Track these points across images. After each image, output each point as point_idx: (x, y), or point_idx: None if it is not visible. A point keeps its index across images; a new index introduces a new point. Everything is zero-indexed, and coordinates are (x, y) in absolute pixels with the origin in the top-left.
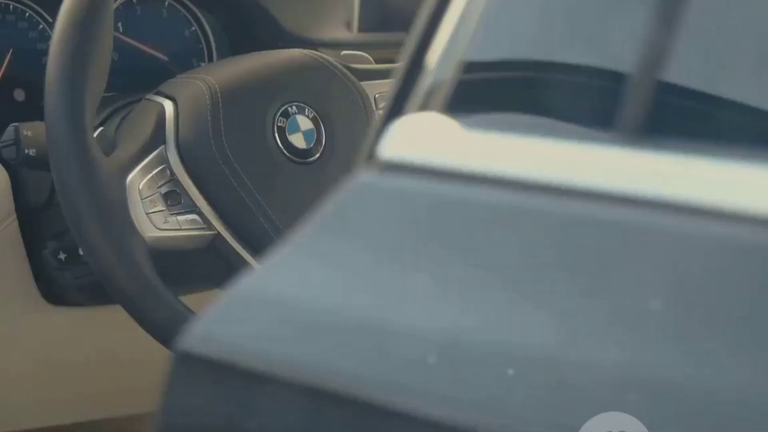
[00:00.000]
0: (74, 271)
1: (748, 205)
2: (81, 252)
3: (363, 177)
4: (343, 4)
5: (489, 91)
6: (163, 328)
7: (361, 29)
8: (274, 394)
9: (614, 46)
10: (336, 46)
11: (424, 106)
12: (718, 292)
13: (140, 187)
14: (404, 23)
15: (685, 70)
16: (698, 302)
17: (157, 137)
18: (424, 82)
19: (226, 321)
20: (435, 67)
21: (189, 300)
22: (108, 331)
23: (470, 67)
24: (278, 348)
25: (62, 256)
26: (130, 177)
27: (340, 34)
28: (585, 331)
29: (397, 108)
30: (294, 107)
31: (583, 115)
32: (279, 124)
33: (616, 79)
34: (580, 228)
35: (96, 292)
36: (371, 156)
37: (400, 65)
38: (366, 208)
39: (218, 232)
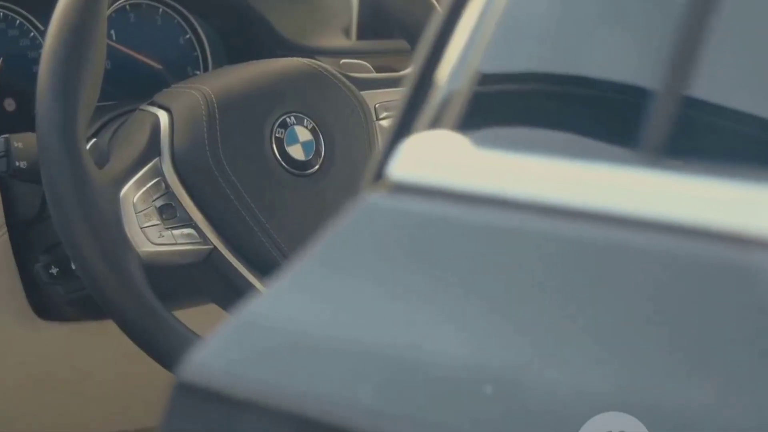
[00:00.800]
0: (66, 286)
1: None
2: (73, 266)
3: (371, 198)
4: (341, 11)
5: (502, 107)
6: (158, 346)
7: (359, 36)
8: (273, 425)
9: (635, 60)
10: (334, 53)
11: (434, 124)
12: (749, 322)
13: (134, 200)
14: (404, 30)
15: (710, 87)
16: (728, 333)
17: (152, 149)
18: (434, 99)
19: (227, 350)
20: (445, 83)
21: (184, 314)
22: (100, 346)
23: (483, 82)
24: (280, 379)
25: (54, 270)
26: (123, 190)
27: (338, 41)
28: (608, 364)
29: (405, 125)
30: (292, 118)
31: (601, 133)
32: (277, 135)
33: (637, 95)
34: (601, 254)
35: (88, 307)
36: (379, 176)
37: (407, 80)
38: (374, 231)
39: (214, 246)
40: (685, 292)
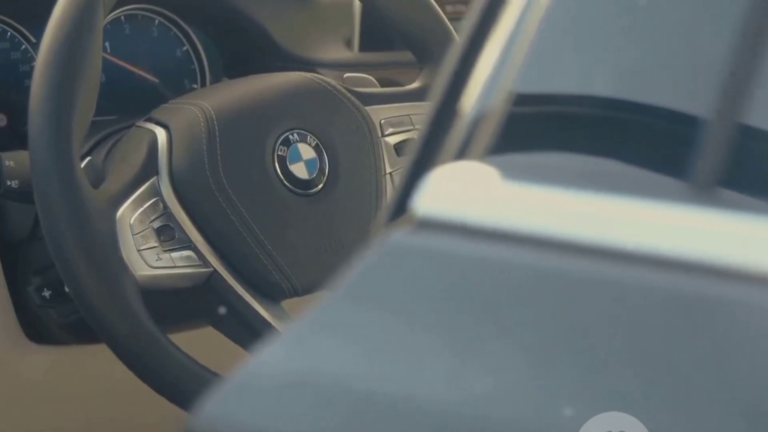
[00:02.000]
0: (59, 310)
1: None
2: (67, 289)
3: (394, 235)
4: (342, 22)
5: (535, 136)
6: (157, 375)
7: (362, 48)
8: None
9: (684, 85)
10: (336, 65)
11: (459, 154)
12: None
13: (131, 221)
14: (409, 41)
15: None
16: None
17: (149, 168)
18: (459, 127)
19: (242, 398)
20: (471, 110)
21: (180, 337)
22: (94, 370)
23: (513, 108)
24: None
25: (47, 293)
26: (120, 211)
27: (340, 53)
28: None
29: (427, 155)
30: (295, 135)
31: (645, 164)
32: (279, 152)
33: (685, 123)
34: (644, 300)
35: (83, 331)
36: (400, 210)
37: (429, 107)
38: (398, 271)
39: (214, 269)
40: (750, 344)
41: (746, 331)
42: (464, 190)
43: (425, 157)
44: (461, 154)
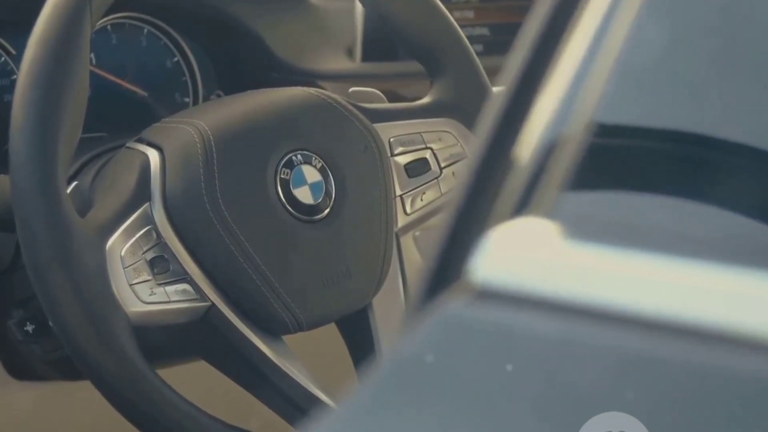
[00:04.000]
0: (44, 345)
1: None
2: (51, 324)
3: (448, 307)
4: (344, 30)
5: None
6: (153, 422)
7: (364, 58)
8: None
9: None
10: (337, 77)
11: (518, 210)
12: None
13: (122, 253)
14: (417, 51)
15: None
16: None
17: (141, 193)
18: (517, 172)
19: None
20: (533, 149)
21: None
22: (81, 406)
23: (586, 152)
24: None
25: (29, 327)
26: (109, 242)
27: (341, 64)
28: None
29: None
30: (299, 156)
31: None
32: (282, 176)
33: None
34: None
35: (69, 368)
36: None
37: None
38: (455, 349)
39: (212, 303)
40: None
41: None
42: (533, 254)
43: (473, 210)
44: (522, 207)
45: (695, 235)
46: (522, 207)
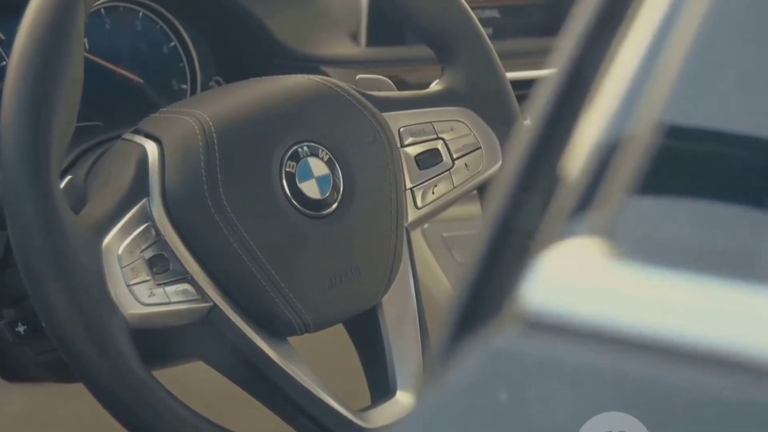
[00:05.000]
0: (36, 347)
1: None
2: (45, 327)
3: (497, 339)
4: (348, 13)
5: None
6: (149, 427)
7: (369, 43)
8: None
9: None
10: (341, 63)
11: (570, 229)
12: None
13: (119, 252)
14: (427, 35)
15: None
16: None
17: (139, 188)
18: (567, 190)
19: None
20: (584, 161)
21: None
22: (75, 409)
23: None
24: None
25: (21, 328)
26: (106, 240)
27: (345, 48)
28: None
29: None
30: (305, 148)
31: None
32: (287, 169)
33: None
34: None
35: (62, 370)
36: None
37: (510, 159)
38: (505, 387)
39: (215, 303)
40: None
41: None
42: (590, 279)
43: (514, 230)
44: (574, 226)
45: None
46: (574, 226)
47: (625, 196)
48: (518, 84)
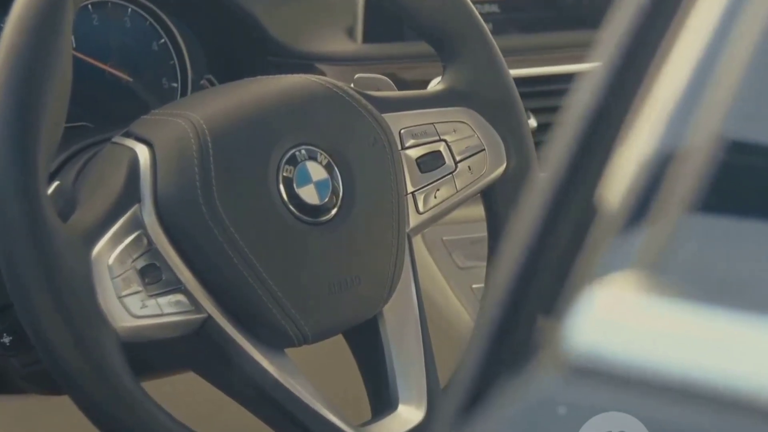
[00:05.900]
0: (22, 358)
1: None
2: (32, 340)
3: (540, 385)
4: (344, 9)
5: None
6: None
7: (366, 39)
8: None
9: None
10: (337, 60)
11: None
12: None
13: (110, 262)
14: (426, 31)
15: None
16: None
17: (130, 194)
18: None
19: None
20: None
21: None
22: (60, 423)
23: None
24: None
25: (6, 339)
26: (95, 249)
27: (341, 45)
28: None
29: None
30: (303, 151)
31: None
32: (285, 173)
33: None
34: None
35: (49, 382)
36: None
37: (538, 191)
38: None
39: (209, 314)
40: None
41: None
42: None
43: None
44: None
45: None
46: (618, 258)
47: (677, 221)
48: (521, 82)
